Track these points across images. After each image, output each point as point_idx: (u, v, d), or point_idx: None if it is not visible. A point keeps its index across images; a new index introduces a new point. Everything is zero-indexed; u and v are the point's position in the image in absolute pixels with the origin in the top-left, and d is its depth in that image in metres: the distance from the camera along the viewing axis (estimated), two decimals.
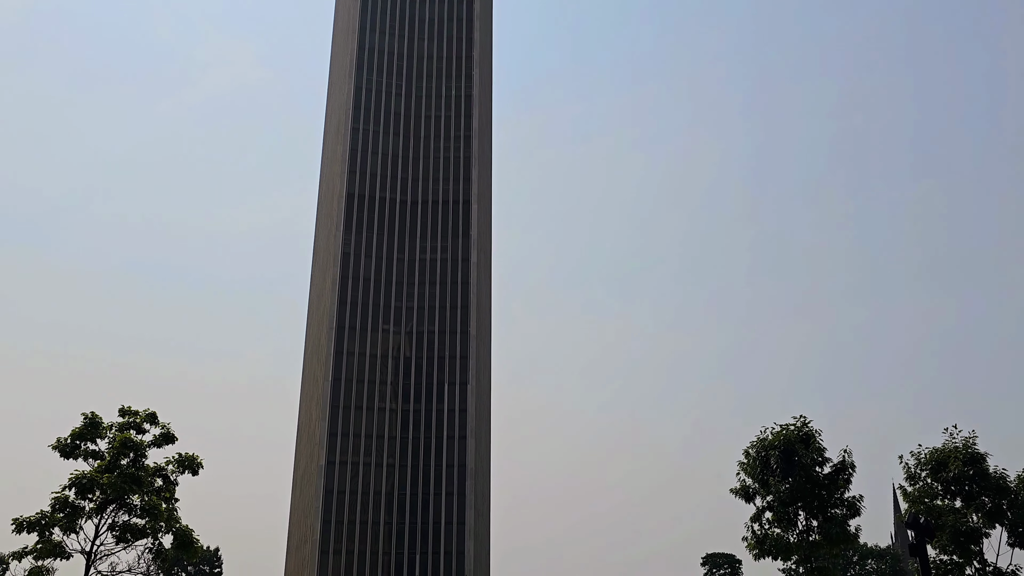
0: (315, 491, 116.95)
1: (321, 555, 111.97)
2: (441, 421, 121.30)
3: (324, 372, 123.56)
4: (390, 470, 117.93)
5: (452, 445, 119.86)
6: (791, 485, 18.68)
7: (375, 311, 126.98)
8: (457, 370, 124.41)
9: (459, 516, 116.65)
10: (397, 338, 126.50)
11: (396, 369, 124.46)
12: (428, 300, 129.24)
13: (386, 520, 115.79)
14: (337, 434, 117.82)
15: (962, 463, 19.46)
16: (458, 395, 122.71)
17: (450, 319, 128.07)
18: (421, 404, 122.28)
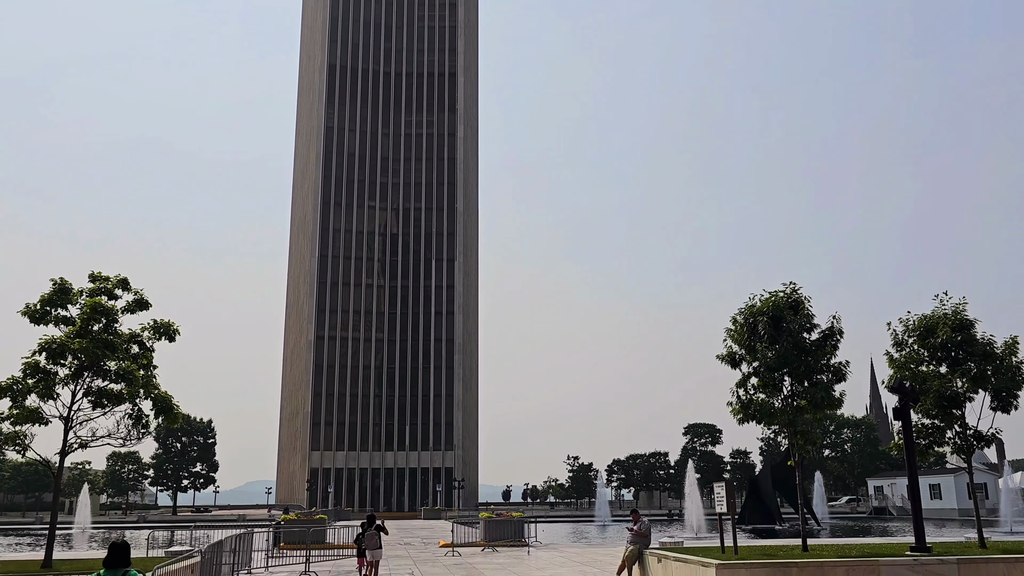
0: (305, 365, 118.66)
1: (313, 426, 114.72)
2: (428, 297, 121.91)
3: (311, 249, 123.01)
4: (379, 345, 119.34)
5: (440, 321, 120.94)
6: (778, 351, 18.38)
7: (360, 187, 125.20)
8: (444, 246, 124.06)
9: (448, 389, 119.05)
10: (383, 214, 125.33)
11: (383, 246, 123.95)
12: (414, 176, 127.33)
13: (376, 393, 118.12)
14: (325, 310, 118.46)
15: (950, 329, 19.19)
16: (445, 271, 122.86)
17: (436, 195, 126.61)
18: (408, 280, 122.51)
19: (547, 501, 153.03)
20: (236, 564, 20.74)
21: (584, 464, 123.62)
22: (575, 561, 26.60)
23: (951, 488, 77.00)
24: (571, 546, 36.49)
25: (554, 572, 22.97)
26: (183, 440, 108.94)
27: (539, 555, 29.45)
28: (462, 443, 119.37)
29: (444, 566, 25.26)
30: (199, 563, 15.89)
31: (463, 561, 26.98)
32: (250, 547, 23.39)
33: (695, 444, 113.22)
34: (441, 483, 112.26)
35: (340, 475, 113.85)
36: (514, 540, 34.54)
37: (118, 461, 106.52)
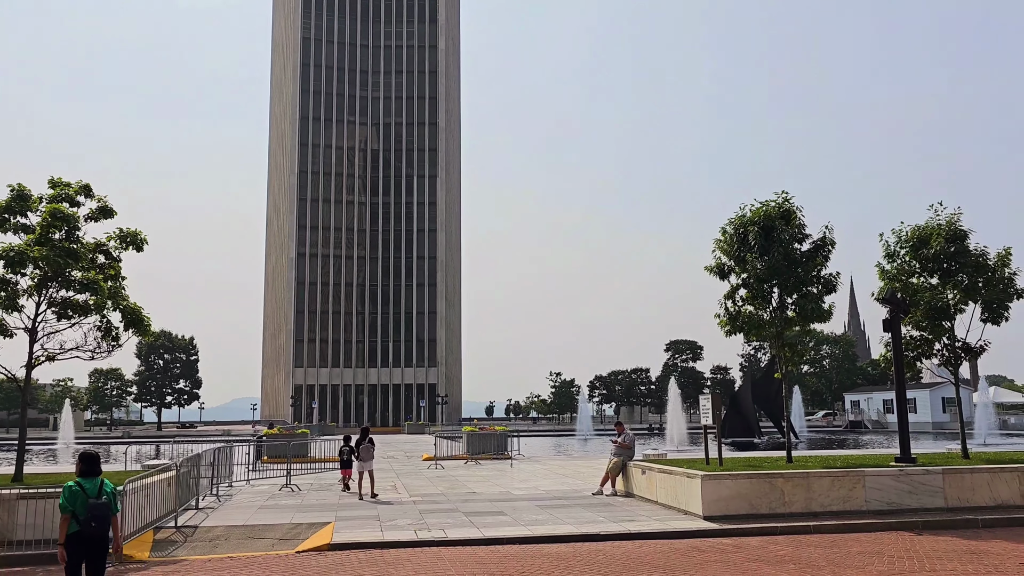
0: (287, 282, 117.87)
1: (296, 343, 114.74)
2: (410, 214, 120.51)
3: (290, 164, 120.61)
4: (361, 262, 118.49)
5: (422, 238, 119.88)
6: (768, 261, 17.86)
7: (339, 101, 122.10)
8: (426, 162, 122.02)
9: (431, 306, 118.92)
10: (363, 129, 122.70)
11: (363, 161, 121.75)
12: (394, 90, 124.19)
13: (359, 310, 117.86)
14: (306, 227, 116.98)
15: (944, 240, 18.71)
16: (427, 188, 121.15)
17: (417, 110, 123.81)
18: (390, 197, 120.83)
19: (529, 416, 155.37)
20: (216, 477, 20.48)
21: (566, 380, 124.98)
22: (557, 473, 26.64)
23: (926, 402, 78.42)
24: (553, 459, 36.72)
25: (536, 483, 22.94)
26: (165, 357, 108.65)
27: (521, 467, 29.52)
28: (445, 360, 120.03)
29: (427, 478, 25.21)
30: (174, 476, 15.53)
31: (446, 474, 26.97)
32: (230, 461, 23.15)
33: (676, 360, 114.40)
34: (424, 399, 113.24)
35: (324, 391, 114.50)
36: (497, 453, 34.67)
37: (100, 378, 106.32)
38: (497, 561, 11.94)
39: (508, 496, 19.82)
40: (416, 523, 15.32)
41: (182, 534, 14.63)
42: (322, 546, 13.19)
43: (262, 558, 12.52)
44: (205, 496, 19.40)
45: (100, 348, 16.72)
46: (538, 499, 19.06)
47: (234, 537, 14.34)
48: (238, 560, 12.39)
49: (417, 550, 13.00)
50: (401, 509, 17.47)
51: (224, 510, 17.68)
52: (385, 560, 12.13)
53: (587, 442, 68.99)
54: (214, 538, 14.28)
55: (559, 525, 14.87)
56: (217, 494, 20.10)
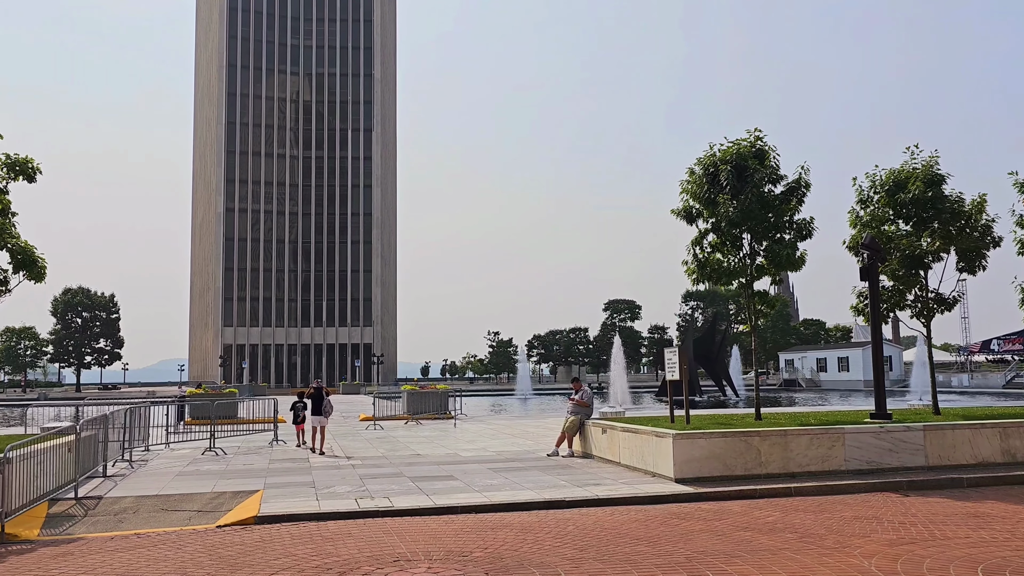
0: (215, 238, 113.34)
1: (225, 301, 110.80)
2: (344, 169, 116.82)
3: (217, 115, 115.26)
4: (292, 218, 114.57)
5: (356, 194, 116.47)
6: (741, 203, 16.45)
7: (269, 49, 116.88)
8: (360, 115, 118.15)
9: (366, 265, 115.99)
10: (295, 80, 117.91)
11: (295, 113, 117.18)
12: (328, 39, 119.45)
13: (291, 268, 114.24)
14: (235, 180, 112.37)
15: (922, 184, 17.57)
16: (362, 142, 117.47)
17: (352, 60, 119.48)
18: (323, 151, 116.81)
19: (466, 377, 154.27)
20: (129, 440, 18.37)
21: (504, 340, 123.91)
22: (505, 433, 25.20)
23: (859, 361, 79.68)
24: (497, 419, 35.35)
25: (485, 444, 21.43)
26: (84, 315, 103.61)
27: (466, 427, 28.01)
28: (381, 319, 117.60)
29: (366, 440, 23.47)
30: (73, 440, 13.44)
31: (386, 435, 25.27)
32: (147, 422, 20.99)
33: (615, 320, 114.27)
34: (360, 359, 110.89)
35: (255, 351, 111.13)
36: (438, 413, 33.10)
37: (12, 337, 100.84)
38: (453, 534, 10.33)
39: (456, 459, 18.23)
40: (356, 490, 13.61)
41: (82, 507, 12.62)
42: (248, 519, 11.38)
43: (175, 535, 10.66)
44: (116, 462, 17.32)
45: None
46: (489, 461, 17.52)
47: (144, 510, 12.41)
48: (146, 538, 10.51)
49: (359, 522, 11.30)
50: (339, 474, 15.71)
51: (136, 478, 15.65)
52: (322, 535, 10.40)
53: (527, 401, 68.00)
54: (120, 511, 12.33)
55: (518, 491, 13.33)
56: (130, 459, 18.02)
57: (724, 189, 16.90)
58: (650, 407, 49.13)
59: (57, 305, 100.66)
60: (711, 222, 17.49)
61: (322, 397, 20.45)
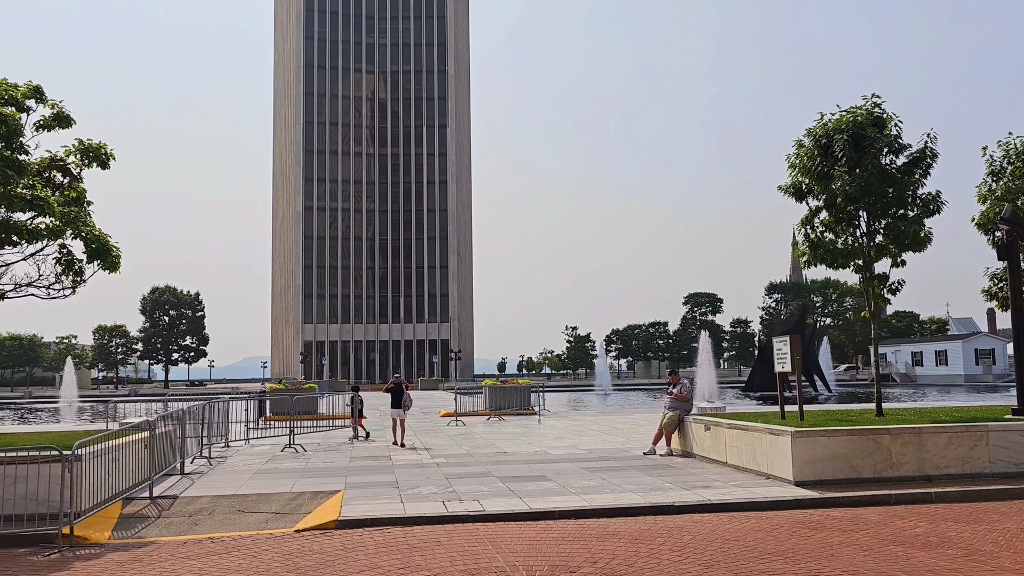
0: (294, 237, 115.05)
1: (304, 299, 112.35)
2: (420, 165, 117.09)
3: (295, 115, 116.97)
4: (369, 215, 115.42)
5: (432, 190, 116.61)
6: (859, 177, 14.80)
7: (345, 49, 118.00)
8: (435, 112, 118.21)
9: (442, 260, 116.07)
10: (371, 78, 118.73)
11: (371, 111, 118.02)
12: (402, 36, 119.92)
13: (368, 265, 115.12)
14: (312, 179, 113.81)
15: None
16: (437, 138, 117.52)
17: (426, 57, 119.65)
18: (399, 148, 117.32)
19: (542, 373, 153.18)
20: (208, 437, 17.82)
21: (582, 335, 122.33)
22: (593, 430, 23.94)
23: (958, 355, 75.50)
24: (581, 415, 34.10)
25: (573, 441, 20.23)
26: (171, 313, 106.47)
27: (551, 424, 26.86)
28: (457, 315, 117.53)
29: (448, 436, 22.55)
30: (148, 437, 12.79)
31: (469, 431, 24.32)
32: (226, 418, 20.50)
33: (695, 314, 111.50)
34: (437, 355, 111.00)
35: (334, 348, 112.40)
36: (520, 409, 32.07)
37: (105, 335, 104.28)
38: (554, 544, 9.17)
39: (546, 457, 17.08)
40: (443, 491, 12.58)
41: (157, 507, 11.93)
42: (328, 523, 10.46)
43: (251, 540, 9.79)
44: (194, 459, 16.76)
45: (60, 283, 13.90)
46: (581, 460, 16.31)
47: (220, 511, 11.63)
48: (220, 543, 9.67)
49: (448, 528, 10.24)
50: (423, 473, 14.74)
51: (214, 476, 15.00)
52: (409, 543, 9.37)
53: (607, 397, 66.56)
54: (195, 512, 11.58)
55: (619, 494, 12.09)
56: (209, 456, 17.45)
57: (839, 161, 15.28)
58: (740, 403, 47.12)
59: (146, 303, 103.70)
60: (823, 199, 15.88)
61: (401, 391, 20.54)
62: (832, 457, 12.61)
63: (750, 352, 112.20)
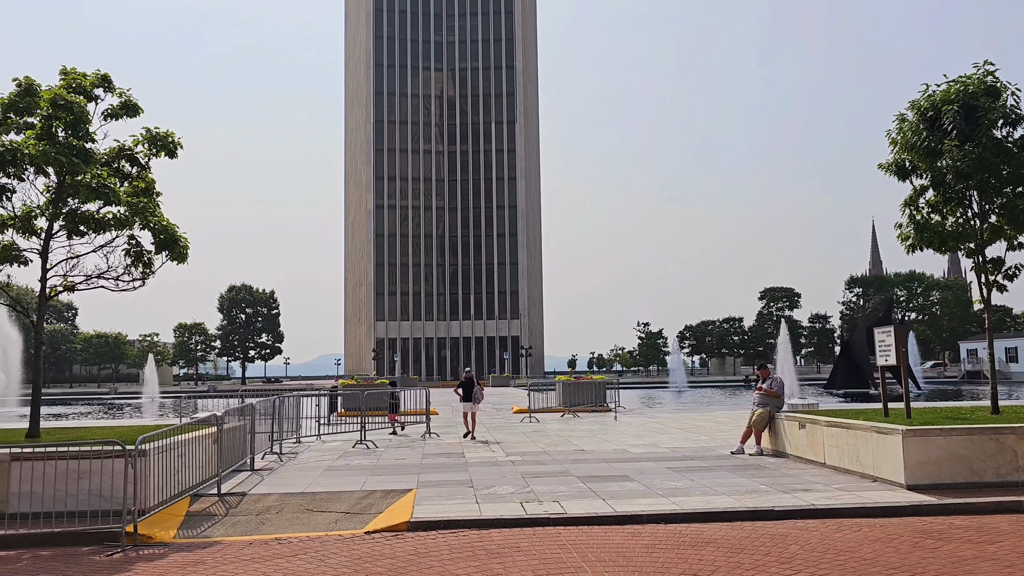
0: (366, 235, 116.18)
1: (376, 296, 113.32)
2: (489, 162, 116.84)
3: (365, 114, 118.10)
4: (440, 212, 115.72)
5: (501, 186, 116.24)
6: (969, 153, 13.47)
7: (414, 47, 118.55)
8: (504, 108, 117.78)
9: (511, 257, 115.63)
10: (439, 76, 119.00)
11: (440, 109, 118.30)
12: (470, 33, 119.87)
13: (439, 262, 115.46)
14: (383, 177, 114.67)
15: None
16: (505, 134, 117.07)
17: (494, 53, 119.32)
18: (468, 145, 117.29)
19: (613, 370, 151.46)
20: (279, 432, 17.48)
21: (653, 331, 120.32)
22: (673, 427, 22.91)
23: None
24: (657, 412, 33.01)
25: (654, 439, 19.27)
26: (247, 311, 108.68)
27: (627, 421, 25.90)
28: (528, 311, 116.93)
29: (522, 433, 21.84)
30: (215, 432, 12.40)
31: (543, 428, 23.57)
32: (298, 413, 20.19)
33: (771, 308, 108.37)
34: (508, 352, 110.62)
35: (406, 345, 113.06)
36: (595, 405, 31.16)
37: (185, 332, 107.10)
38: (645, 552, 8.32)
39: (626, 455, 16.19)
40: (520, 491, 11.84)
41: (224, 505, 11.50)
42: (399, 525, 9.82)
43: (319, 542, 9.22)
44: (264, 455, 16.42)
45: (129, 275, 13.65)
46: (665, 459, 15.38)
47: (288, 510, 11.12)
48: (287, 544, 9.12)
49: (527, 532, 9.49)
50: (498, 471, 14.04)
51: (284, 472, 14.58)
52: (485, 548, 8.65)
53: (682, 394, 65.02)
54: (263, 511, 11.10)
55: (711, 496, 11.15)
56: (280, 452, 17.10)
57: (948, 135, 13.96)
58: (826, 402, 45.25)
59: (223, 301, 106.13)
60: (929, 177, 14.58)
61: (472, 385, 20.84)
62: (949, 459, 11.42)
63: (829, 348, 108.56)
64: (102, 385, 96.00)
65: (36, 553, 9.02)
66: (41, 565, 8.45)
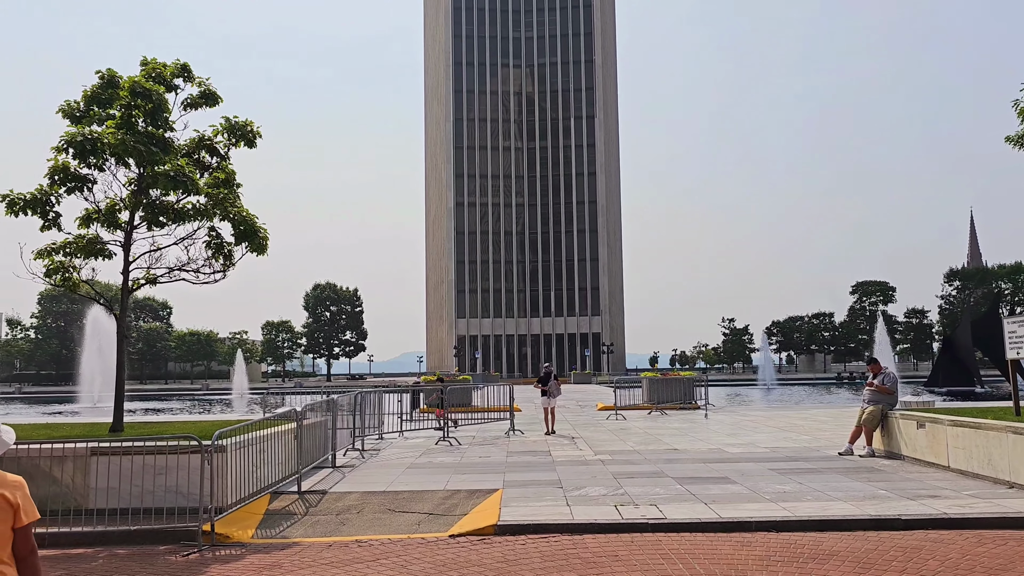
0: (446, 233, 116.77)
1: (457, 294, 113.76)
2: (568, 158, 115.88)
3: (445, 112, 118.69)
4: (519, 209, 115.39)
5: (581, 182, 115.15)
6: None
7: (492, 44, 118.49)
8: (583, 103, 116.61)
9: (592, 253, 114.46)
10: (517, 72, 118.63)
11: (519, 105, 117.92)
12: (548, 28, 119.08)
13: (519, 259, 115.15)
14: (463, 175, 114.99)
15: None
16: (585, 130, 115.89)
17: (573, 48, 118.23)
18: (547, 141, 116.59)
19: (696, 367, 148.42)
20: (361, 428, 17.12)
21: (739, 328, 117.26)
22: (767, 426, 21.71)
23: None
24: (749, 410, 31.68)
25: (750, 438, 18.19)
26: (331, 309, 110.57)
27: (719, 419, 24.75)
28: (608, 308, 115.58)
29: (609, 431, 21.00)
30: (295, 427, 12.01)
31: (630, 425, 22.67)
32: (380, 409, 19.84)
33: (864, 303, 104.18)
34: (589, 348, 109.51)
35: (487, 342, 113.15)
36: (683, 403, 30.03)
37: (272, 330, 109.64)
38: (759, 566, 7.44)
39: (723, 455, 15.20)
40: (613, 493, 11.05)
41: (304, 503, 11.08)
42: (485, 528, 9.17)
43: (401, 545, 8.64)
44: (346, 451, 16.05)
45: (209, 267, 13.41)
46: (766, 460, 14.34)
47: (369, 509, 10.61)
48: (367, 547, 8.58)
49: (625, 538, 8.70)
50: (588, 471, 13.27)
51: (365, 469, 14.15)
52: (580, 557, 7.91)
53: (770, 392, 62.94)
54: (344, 510, 10.62)
55: (827, 502, 10.14)
56: (362, 448, 16.72)
57: None
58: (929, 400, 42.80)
59: (308, 300, 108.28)
60: None
61: (551, 379, 20.75)
62: None
63: (926, 345, 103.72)
64: (195, 382, 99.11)
65: (113, 551, 8.72)
66: (116, 565, 8.12)
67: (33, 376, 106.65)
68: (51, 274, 12.44)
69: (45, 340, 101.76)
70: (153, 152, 11.72)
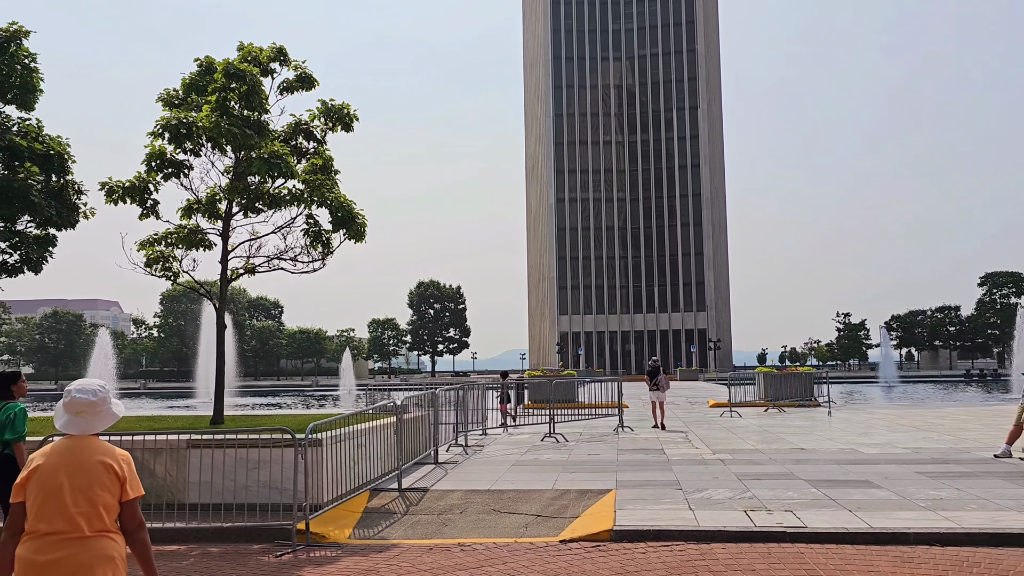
0: (548, 229, 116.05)
1: (559, 290, 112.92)
2: (671, 150, 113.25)
3: (544, 109, 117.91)
4: (621, 204, 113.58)
5: (684, 175, 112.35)
6: None
7: (591, 37, 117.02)
8: (685, 94, 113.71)
9: (696, 247, 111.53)
10: (617, 65, 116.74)
11: (619, 99, 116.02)
12: (648, 19, 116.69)
13: (621, 254, 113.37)
14: (564, 171, 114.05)
15: None
16: (688, 121, 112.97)
17: (674, 38, 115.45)
18: (648, 134, 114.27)
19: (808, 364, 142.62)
20: (464, 423, 16.48)
21: (854, 322, 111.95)
22: (900, 424, 19.93)
23: None
24: (876, 407, 29.56)
25: (886, 438, 16.60)
26: (435, 307, 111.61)
27: (844, 417, 23.02)
28: (714, 303, 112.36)
29: (725, 428, 19.72)
30: (395, 422, 11.40)
31: (747, 423, 21.29)
32: (483, 404, 19.19)
33: (994, 296, 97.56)
34: (694, 345, 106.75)
35: (590, 338, 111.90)
36: (802, 400, 28.26)
37: (378, 328, 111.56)
38: None
39: (858, 456, 13.79)
40: (740, 496, 9.96)
41: (404, 501, 10.43)
42: (600, 533, 8.27)
43: (507, 550, 7.85)
44: (449, 447, 15.43)
45: (308, 255, 13.00)
46: (909, 462, 12.88)
47: (472, 509, 9.87)
48: (471, 552, 7.82)
49: (760, 548, 7.64)
50: (708, 471, 12.18)
51: (469, 466, 13.46)
52: (711, 569, 6.92)
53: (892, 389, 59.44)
54: (445, 509, 9.91)
55: (996, 512, 8.78)
56: (465, 444, 16.06)
57: None
58: None
59: (412, 297, 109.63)
60: None
61: (658, 373, 20.55)
62: None
63: None
64: (305, 378, 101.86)
65: (206, 549, 8.26)
66: (206, 564, 7.63)
67: (156, 373, 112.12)
68: (151, 264, 12.26)
69: (167, 338, 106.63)
70: (248, 135, 11.35)
